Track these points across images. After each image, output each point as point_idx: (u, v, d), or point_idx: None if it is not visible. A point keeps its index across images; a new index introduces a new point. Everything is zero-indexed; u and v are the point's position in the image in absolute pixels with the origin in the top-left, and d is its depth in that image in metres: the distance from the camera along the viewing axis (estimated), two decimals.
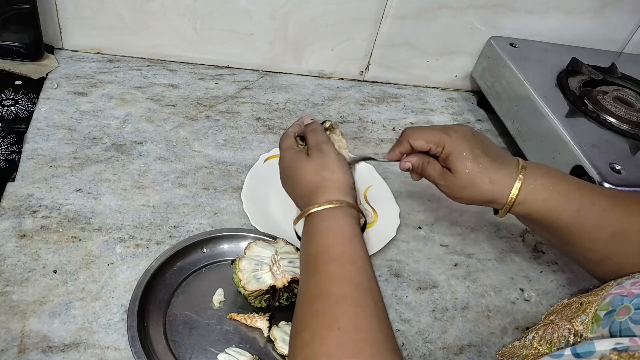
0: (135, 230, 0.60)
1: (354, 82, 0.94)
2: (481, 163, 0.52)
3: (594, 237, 0.51)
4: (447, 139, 0.53)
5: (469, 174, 0.52)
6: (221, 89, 0.84)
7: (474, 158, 0.52)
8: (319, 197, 0.50)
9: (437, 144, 0.54)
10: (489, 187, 0.51)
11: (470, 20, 0.89)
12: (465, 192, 0.53)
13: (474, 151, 0.52)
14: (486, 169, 0.52)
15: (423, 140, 0.54)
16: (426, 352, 0.56)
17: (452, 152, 0.52)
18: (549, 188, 0.51)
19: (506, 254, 0.68)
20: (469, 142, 0.53)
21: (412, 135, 0.55)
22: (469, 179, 0.52)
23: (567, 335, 0.45)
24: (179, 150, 0.71)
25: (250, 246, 0.55)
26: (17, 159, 0.64)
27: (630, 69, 0.88)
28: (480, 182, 0.51)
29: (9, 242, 0.55)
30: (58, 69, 0.80)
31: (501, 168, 0.52)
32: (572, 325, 0.45)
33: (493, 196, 0.52)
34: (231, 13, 0.82)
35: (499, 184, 0.51)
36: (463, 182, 0.52)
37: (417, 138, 0.54)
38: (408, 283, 0.62)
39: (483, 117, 0.94)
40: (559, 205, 0.51)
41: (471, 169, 0.52)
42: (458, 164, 0.52)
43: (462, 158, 0.52)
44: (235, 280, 0.53)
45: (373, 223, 0.67)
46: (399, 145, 0.56)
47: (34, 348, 0.48)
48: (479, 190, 0.52)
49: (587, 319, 0.44)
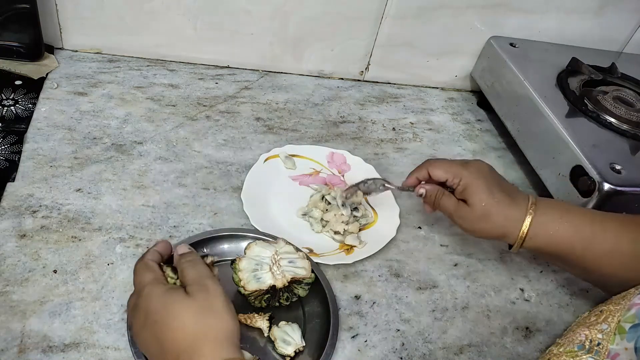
0: (135, 230, 0.60)
1: (354, 82, 0.94)
2: (496, 198, 0.54)
3: (610, 263, 0.51)
4: (465, 172, 0.55)
5: (484, 207, 0.54)
6: (221, 89, 0.84)
7: (490, 192, 0.54)
8: (205, 353, 0.39)
9: (454, 175, 0.56)
10: (502, 222, 0.54)
11: (470, 20, 0.89)
12: (479, 225, 0.55)
13: (490, 186, 0.54)
14: (501, 204, 0.54)
15: (442, 170, 0.56)
16: (426, 352, 0.56)
17: (470, 184, 0.55)
18: (558, 220, 0.53)
19: (506, 254, 0.68)
20: (486, 177, 0.55)
21: (432, 164, 0.57)
22: (484, 213, 0.54)
23: (582, 340, 0.44)
24: (179, 150, 0.71)
25: (250, 246, 0.55)
26: (17, 159, 0.64)
27: (630, 69, 0.88)
28: (495, 217, 0.54)
29: (9, 242, 0.55)
30: (58, 69, 0.80)
31: (514, 204, 0.54)
32: (590, 331, 0.45)
33: (505, 231, 0.54)
34: (231, 13, 0.82)
35: (511, 219, 0.53)
36: (478, 214, 0.54)
37: (437, 167, 0.57)
38: (408, 283, 0.62)
39: (483, 117, 0.94)
40: (570, 236, 0.52)
41: (487, 203, 0.54)
42: (475, 196, 0.54)
43: (479, 191, 0.54)
44: (236, 280, 0.53)
45: (373, 223, 0.68)
46: (417, 172, 0.59)
47: (34, 348, 0.48)
48: (493, 224, 0.54)
49: (609, 329, 0.43)
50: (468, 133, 0.89)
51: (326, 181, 0.72)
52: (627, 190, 0.63)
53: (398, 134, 0.84)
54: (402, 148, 0.82)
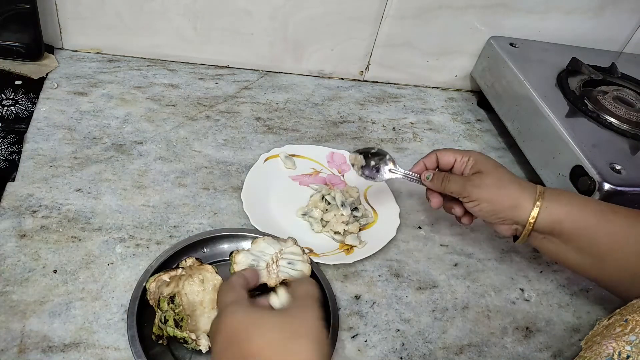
0: (135, 230, 0.60)
1: (354, 82, 0.94)
2: (508, 171, 0.56)
3: (623, 245, 0.51)
4: (473, 152, 0.58)
5: (497, 173, 0.55)
6: (221, 88, 0.84)
7: (502, 166, 0.56)
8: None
9: (463, 155, 0.58)
10: (517, 187, 0.54)
11: (470, 20, 0.89)
12: (494, 190, 0.54)
13: (499, 164, 0.57)
14: (514, 177, 0.55)
15: (450, 153, 0.58)
16: (426, 352, 0.56)
17: (481, 158, 0.57)
18: (567, 200, 0.53)
19: (506, 254, 0.68)
20: (493, 159, 0.58)
21: (440, 151, 0.59)
22: (499, 177, 0.55)
23: (611, 352, 0.43)
24: (179, 150, 0.71)
25: (257, 241, 0.55)
26: (17, 159, 0.64)
27: (630, 69, 0.88)
28: (509, 183, 0.55)
29: (9, 242, 0.55)
30: (58, 68, 0.80)
31: (525, 184, 0.55)
32: (618, 344, 0.43)
33: (520, 197, 0.53)
34: (231, 13, 0.82)
35: (525, 188, 0.54)
36: (493, 179, 0.55)
37: (445, 152, 0.59)
38: (408, 283, 0.62)
39: (483, 117, 0.94)
40: (580, 210, 0.53)
41: (501, 171, 0.55)
42: (489, 165, 0.56)
43: (492, 163, 0.56)
44: (231, 272, 0.52)
45: (373, 223, 0.68)
46: (425, 159, 0.60)
47: (34, 348, 0.48)
48: (508, 189, 0.54)
49: (637, 341, 0.42)
50: (468, 133, 0.89)
51: (326, 181, 0.72)
52: (627, 190, 0.63)
53: (398, 133, 0.84)
54: (402, 148, 0.82)
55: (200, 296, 0.52)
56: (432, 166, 0.60)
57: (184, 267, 0.52)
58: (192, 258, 0.53)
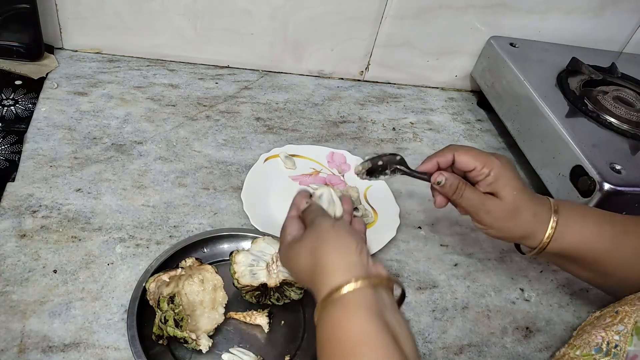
0: (135, 230, 0.60)
1: (354, 82, 0.94)
2: (527, 193, 0.50)
3: (630, 264, 0.50)
4: (496, 162, 0.50)
5: (515, 201, 0.49)
6: (221, 88, 0.84)
7: (522, 186, 0.50)
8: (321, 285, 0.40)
9: (484, 164, 0.50)
10: (531, 220, 0.50)
11: (470, 20, 0.89)
12: (506, 221, 0.50)
13: (520, 181, 0.50)
14: (531, 201, 0.50)
15: (470, 156, 0.50)
16: (426, 352, 0.56)
17: (503, 175, 0.50)
18: (581, 221, 0.51)
19: (506, 254, 0.68)
20: (515, 171, 0.51)
21: (459, 149, 0.51)
22: (515, 207, 0.50)
23: (599, 342, 0.43)
24: (179, 150, 0.71)
25: (257, 241, 0.55)
26: (17, 159, 0.64)
27: (630, 69, 0.88)
28: (525, 213, 0.50)
29: (9, 242, 0.55)
30: (58, 68, 0.79)
31: (540, 203, 0.51)
32: (607, 333, 0.44)
33: (532, 230, 0.50)
34: (231, 13, 0.82)
35: (540, 217, 0.50)
36: (509, 208, 0.50)
37: (464, 153, 0.51)
38: (408, 283, 0.62)
39: (483, 117, 0.94)
40: (592, 237, 0.50)
41: (519, 197, 0.50)
42: (507, 189, 0.49)
43: (513, 184, 0.50)
44: (231, 272, 0.53)
45: (373, 223, 0.67)
46: (438, 155, 0.52)
47: (34, 348, 0.48)
48: (521, 221, 0.50)
49: (625, 330, 0.42)
50: (468, 133, 0.89)
51: (326, 181, 0.72)
52: (627, 190, 0.63)
53: (398, 133, 0.84)
54: (402, 148, 0.82)
55: (200, 296, 0.52)
56: (447, 166, 0.52)
57: (184, 267, 0.52)
58: (191, 258, 0.53)
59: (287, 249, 0.46)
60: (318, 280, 0.40)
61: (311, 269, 0.42)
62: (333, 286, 0.39)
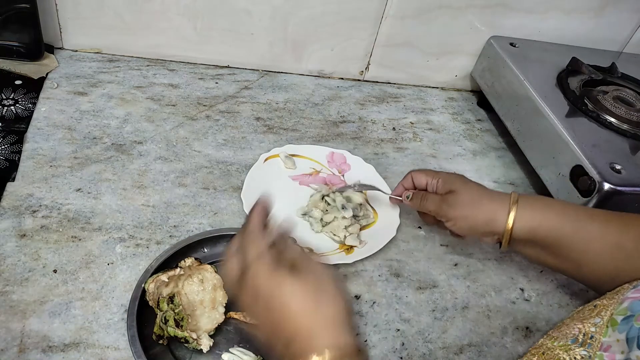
0: (135, 230, 0.60)
1: (354, 81, 0.94)
2: (483, 187, 0.58)
3: (599, 251, 0.52)
4: (442, 173, 0.61)
5: (471, 191, 0.57)
6: (221, 88, 0.84)
7: (475, 184, 0.58)
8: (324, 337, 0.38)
9: (433, 176, 0.61)
10: (490, 205, 0.56)
11: (470, 20, 0.89)
12: (468, 209, 0.56)
13: (473, 182, 0.59)
14: (486, 190, 0.58)
15: (422, 174, 0.62)
16: (426, 352, 0.56)
17: (449, 177, 0.60)
18: (544, 209, 0.54)
19: (506, 254, 0.68)
20: (465, 177, 0.60)
21: (415, 172, 0.63)
22: (472, 196, 0.57)
23: (576, 333, 0.44)
24: (179, 150, 0.71)
25: None
26: (17, 159, 0.64)
27: (630, 68, 0.88)
28: (485, 199, 0.56)
29: (9, 242, 0.55)
30: (58, 68, 0.80)
31: (497, 193, 0.57)
32: (584, 325, 0.45)
33: (495, 211, 0.55)
34: (231, 13, 0.82)
35: (498, 202, 0.55)
36: (467, 198, 0.57)
37: (418, 173, 0.63)
38: (408, 283, 0.62)
39: (483, 117, 0.94)
40: (557, 222, 0.53)
41: (474, 188, 0.58)
42: (458, 183, 0.58)
43: (463, 181, 0.59)
44: None
45: (373, 223, 0.68)
46: (403, 181, 0.64)
47: (34, 348, 0.48)
48: (482, 205, 0.56)
49: (602, 322, 0.43)
50: (468, 133, 0.89)
51: (326, 181, 0.72)
52: (627, 190, 0.63)
53: (398, 133, 0.84)
54: (402, 148, 0.82)
55: (200, 296, 0.52)
56: (410, 187, 0.63)
57: (183, 267, 0.52)
58: (191, 258, 0.53)
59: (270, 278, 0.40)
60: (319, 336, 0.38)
61: (309, 319, 0.39)
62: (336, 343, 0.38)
